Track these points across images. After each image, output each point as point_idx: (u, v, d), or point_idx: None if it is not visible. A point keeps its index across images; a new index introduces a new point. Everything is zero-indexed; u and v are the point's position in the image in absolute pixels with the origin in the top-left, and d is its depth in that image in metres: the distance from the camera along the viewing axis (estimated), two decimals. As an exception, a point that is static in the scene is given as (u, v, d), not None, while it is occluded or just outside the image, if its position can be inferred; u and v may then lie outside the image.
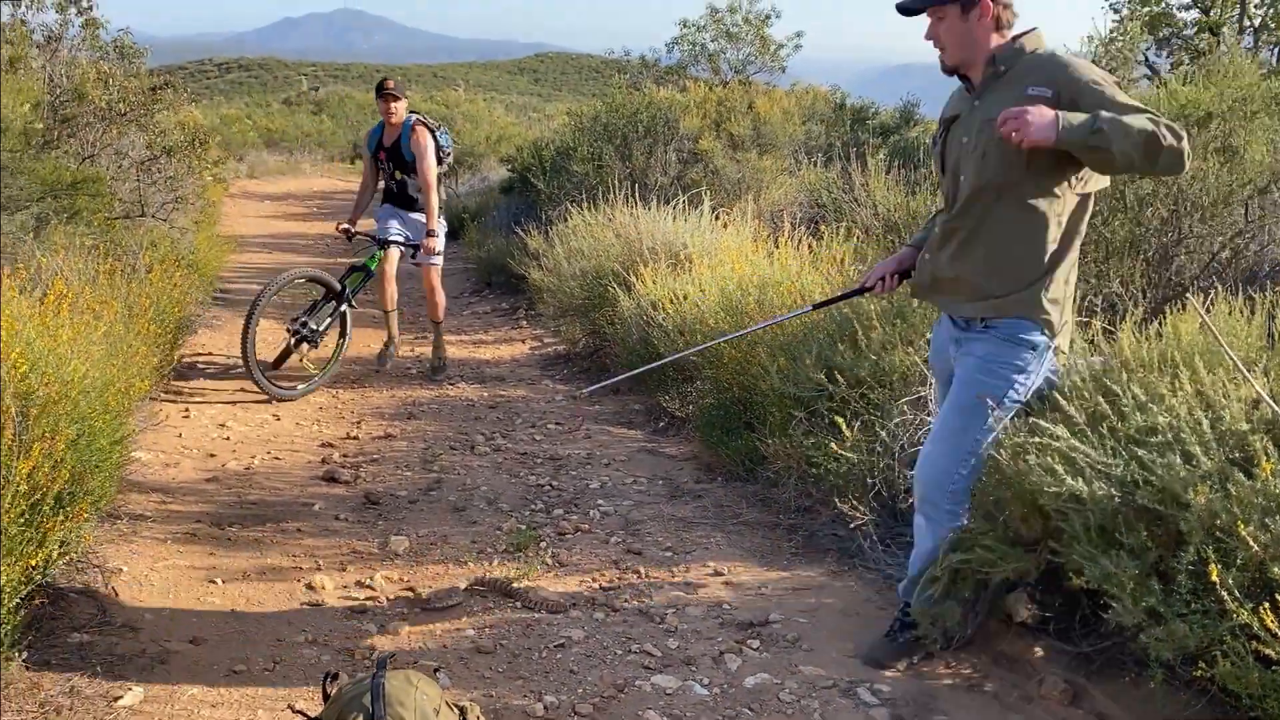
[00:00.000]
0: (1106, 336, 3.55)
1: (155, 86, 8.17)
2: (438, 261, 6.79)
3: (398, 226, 6.76)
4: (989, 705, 2.96)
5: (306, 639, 3.33)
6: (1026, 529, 2.98)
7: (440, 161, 6.72)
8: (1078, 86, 2.83)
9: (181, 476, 4.78)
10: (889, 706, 2.97)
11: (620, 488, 4.86)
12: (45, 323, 3.62)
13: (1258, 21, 9.67)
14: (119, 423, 3.76)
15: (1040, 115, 2.72)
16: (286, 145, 25.94)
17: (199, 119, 13.75)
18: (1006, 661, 3.12)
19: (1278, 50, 9.68)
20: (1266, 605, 2.28)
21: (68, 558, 3.28)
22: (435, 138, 6.68)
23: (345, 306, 6.53)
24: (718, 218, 7.63)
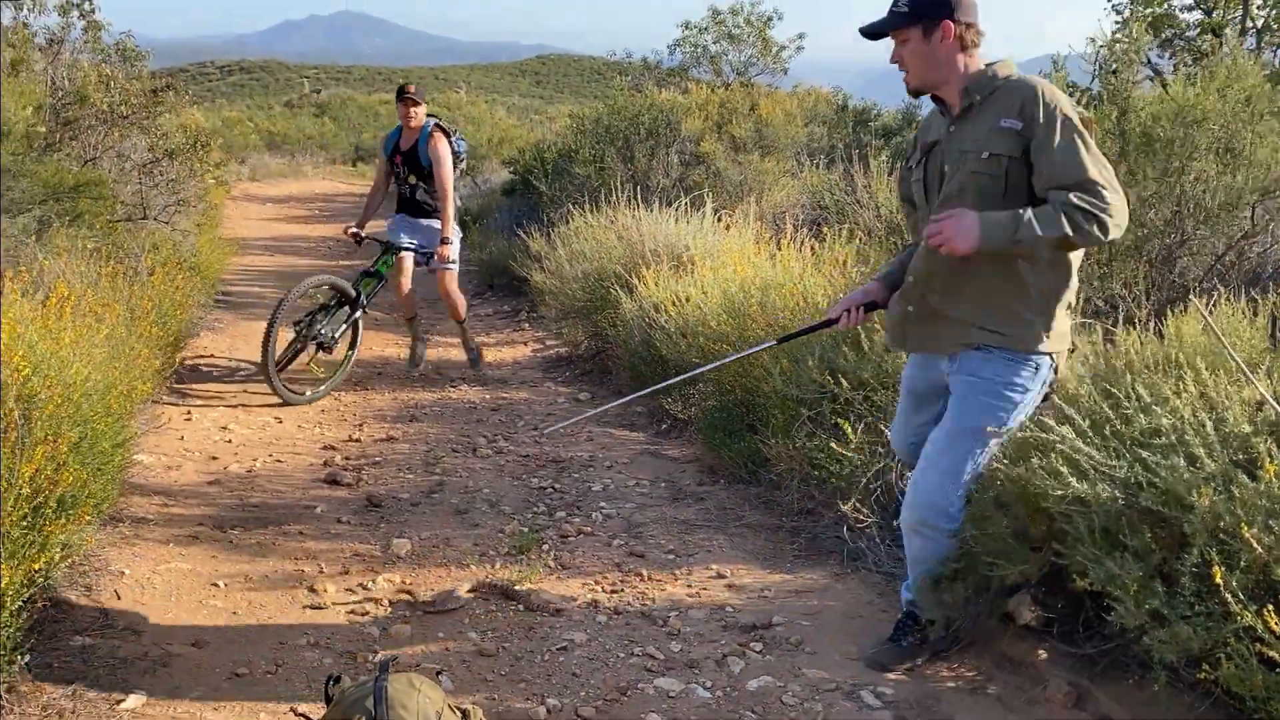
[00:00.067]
0: (1109, 338, 3.55)
1: (157, 89, 8.18)
2: (453, 267, 6.76)
3: (411, 236, 6.74)
4: (992, 708, 2.96)
5: (309, 642, 3.32)
6: (1033, 529, 2.97)
7: (455, 166, 6.72)
8: (1040, 133, 2.76)
9: (183, 479, 4.78)
10: (892, 709, 2.96)
11: (622, 490, 4.86)
12: (48, 325, 3.63)
13: (1260, 23, 9.65)
14: (121, 425, 3.77)
15: (959, 225, 2.76)
16: (288, 148, 25.95)
17: (201, 121, 13.79)
18: (1010, 664, 3.11)
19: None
20: (1270, 607, 2.28)
21: (70, 561, 3.28)
22: (451, 143, 6.69)
23: (359, 313, 6.56)
24: (720, 220, 7.62)
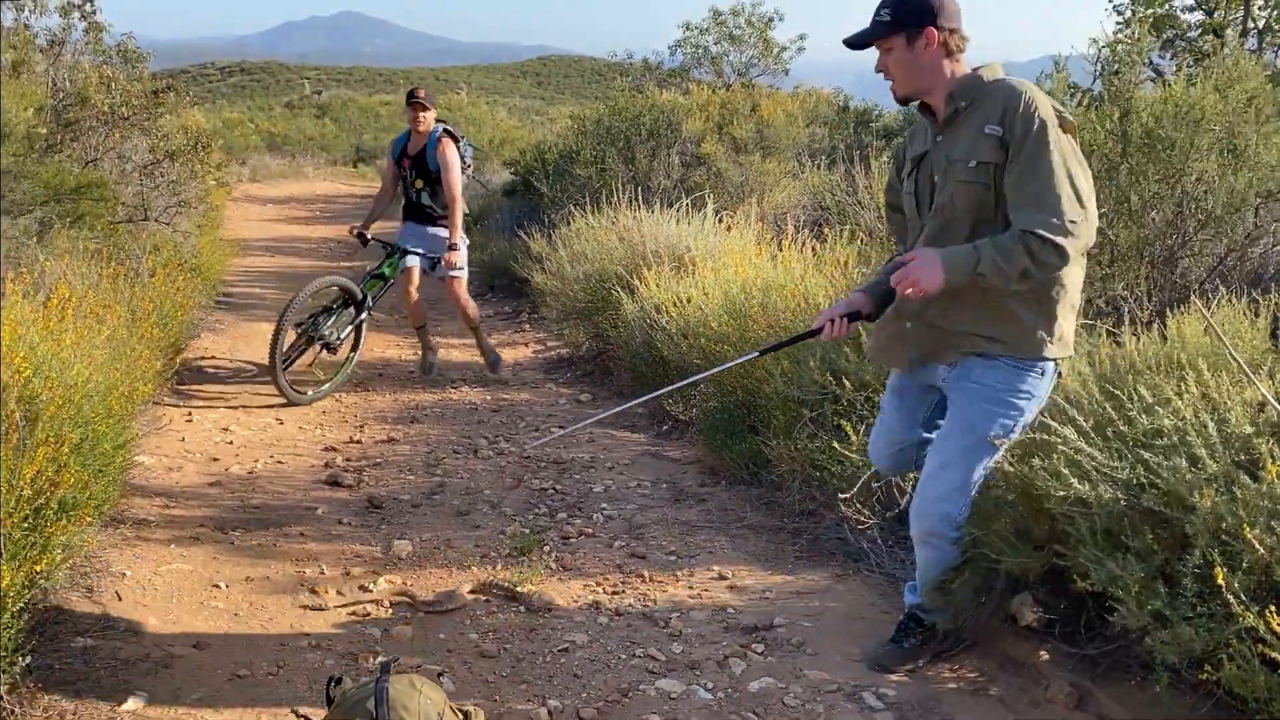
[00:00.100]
0: (1111, 339, 3.55)
1: (158, 90, 8.18)
2: (461, 274, 6.75)
3: (418, 242, 6.76)
4: (994, 709, 2.95)
5: (310, 643, 3.32)
6: (1035, 529, 2.97)
7: (462, 172, 6.74)
8: (1015, 143, 2.72)
9: (184, 481, 4.78)
10: (894, 711, 2.96)
11: (624, 491, 4.86)
12: (49, 327, 3.62)
13: (1261, 23, 9.65)
14: (122, 427, 3.77)
15: (923, 266, 2.74)
16: (289, 149, 25.97)
17: (202, 123, 13.78)
18: (1012, 665, 3.11)
19: (1281, 52, 9.66)
20: (1272, 608, 2.28)
21: (71, 562, 3.28)
22: (459, 148, 6.70)
23: (364, 315, 6.60)
24: (721, 221, 7.62)
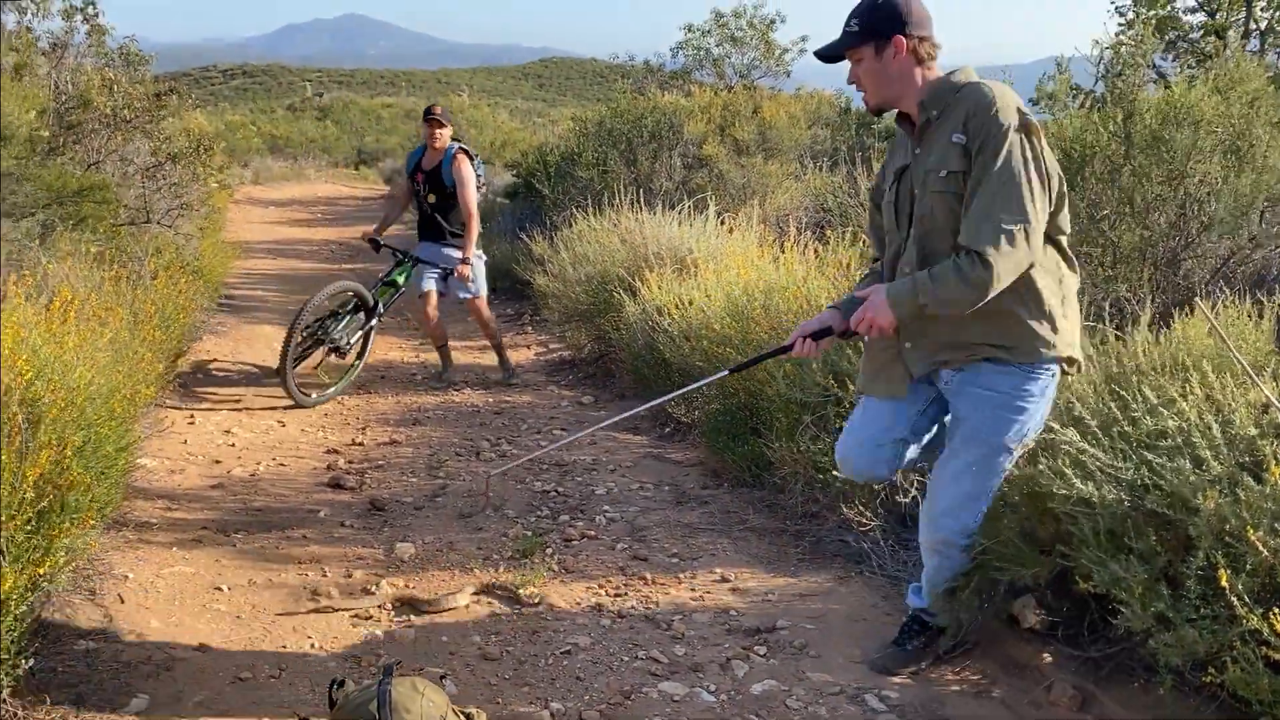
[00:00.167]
0: (1114, 341, 3.54)
1: (160, 93, 8.19)
2: (481, 291, 6.84)
3: (434, 257, 6.79)
4: (997, 711, 2.95)
5: (312, 646, 3.32)
6: (1040, 531, 2.97)
7: (477, 189, 6.78)
8: (977, 149, 2.67)
9: (187, 483, 4.78)
10: (897, 713, 2.95)
11: (626, 494, 4.85)
12: (51, 330, 3.62)
13: (1263, 25, 9.65)
14: (125, 429, 3.77)
15: (873, 307, 2.79)
16: (291, 151, 26.02)
17: (204, 125, 13.78)
18: (1015, 667, 3.11)
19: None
20: (1276, 610, 2.27)
21: (74, 565, 3.27)
22: (474, 166, 6.75)
23: (375, 321, 6.66)
24: (723, 223, 7.62)
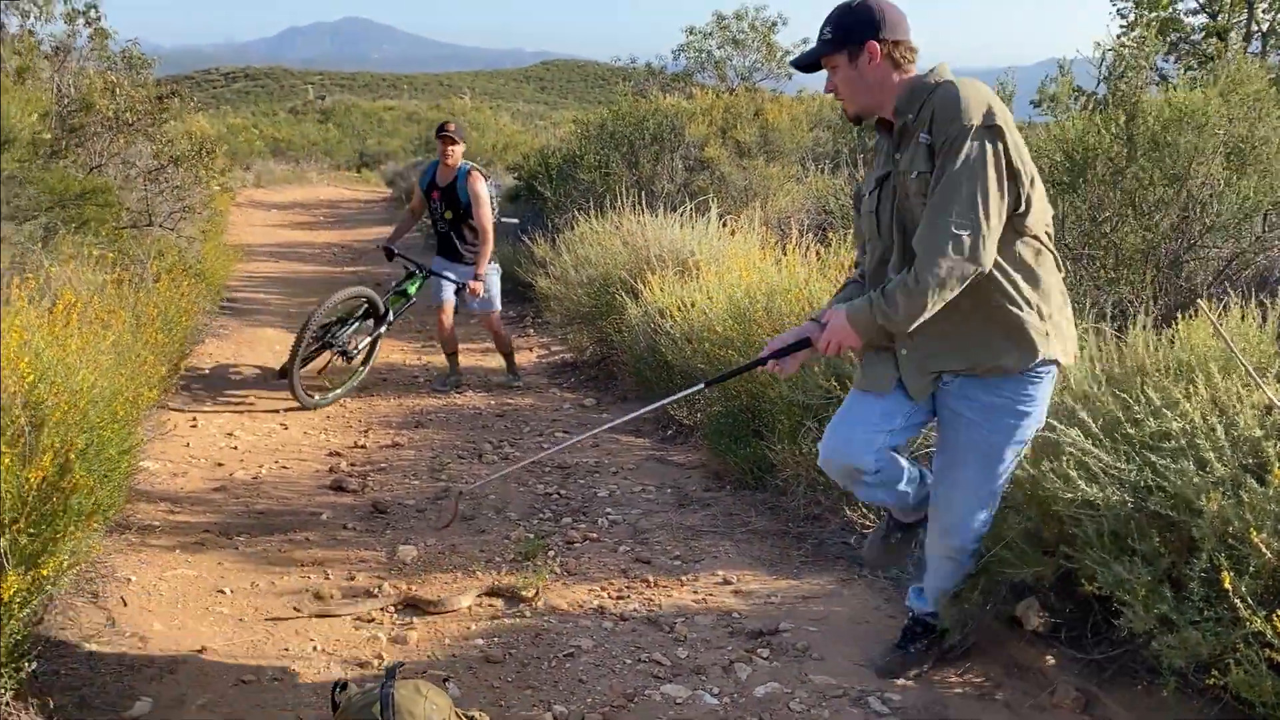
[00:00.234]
0: (1116, 342, 3.54)
1: (162, 96, 8.20)
2: (494, 305, 6.88)
3: (450, 271, 6.81)
4: (1000, 714, 2.94)
5: (315, 648, 3.32)
6: (1044, 532, 2.97)
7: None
8: (938, 150, 2.60)
9: (189, 486, 4.79)
10: (899, 716, 2.95)
11: (628, 496, 4.85)
12: (54, 332, 3.62)
13: (1265, 26, 9.65)
14: (127, 432, 3.77)
15: (836, 329, 2.77)
16: (293, 154, 26.08)
17: (206, 128, 13.80)
18: (1018, 670, 3.11)
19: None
20: (1279, 613, 2.27)
21: (77, 568, 3.28)
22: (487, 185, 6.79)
23: (383, 328, 6.72)
24: (725, 225, 7.62)
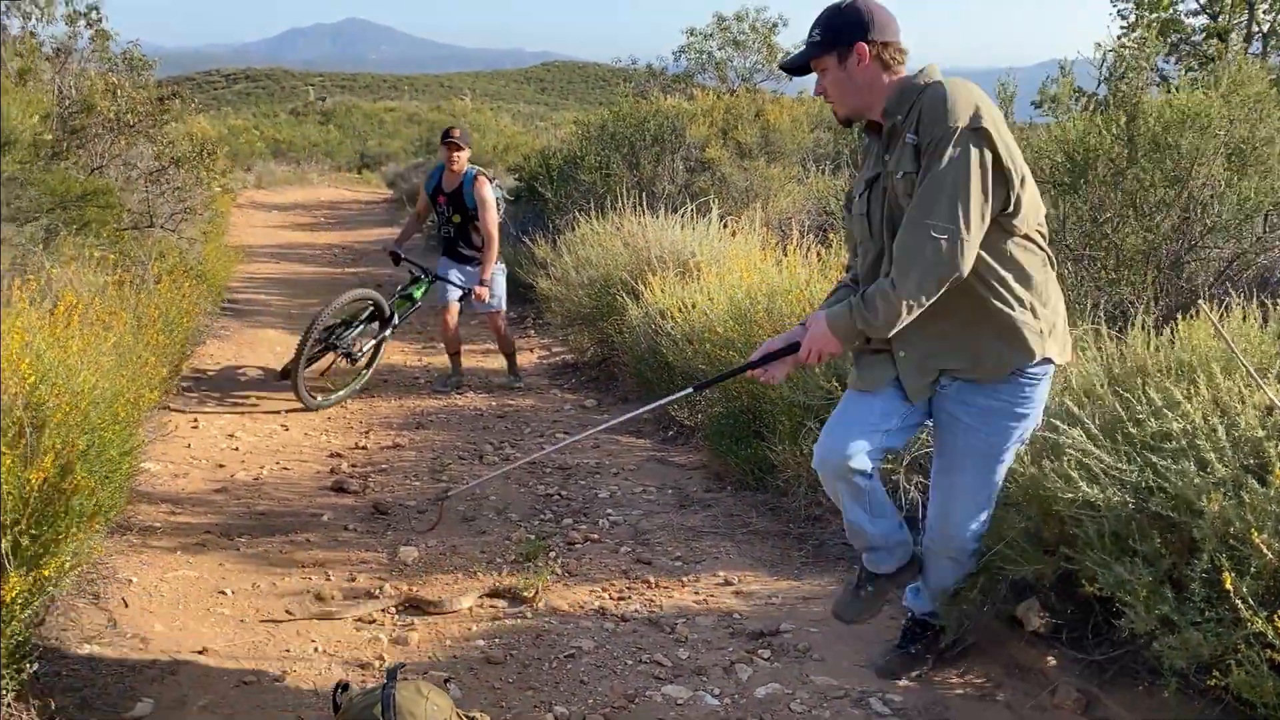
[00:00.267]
0: (1116, 343, 3.54)
1: (163, 97, 8.21)
2: (500, 306, 6.91)
3: (456, 276, 6.86)
4: (1001, 715, 2.94)
5: (316, 649, 3.32)
6: (1045, 532, 2.96)
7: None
8: (927, 154, 2.55)
9: (191, 487, 4.79)
10: (901, 716, 2.95)
11: (629, 497, 4.86)
12: (55, 334, 3.63)
13: (1265, 27, 9.66)
14: (129, 433, 3.77)
15: (815, 335, 2.75)
16: (294, 155, 26.09)
17: (207, 130, 13.82)
18: (1019, 670, 3.10)
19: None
20: (1282, 613, 2.27)
21: (78, 569, 3.28)
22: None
23: (388, 332, 6.76)
24: (726, 226, 7.63)
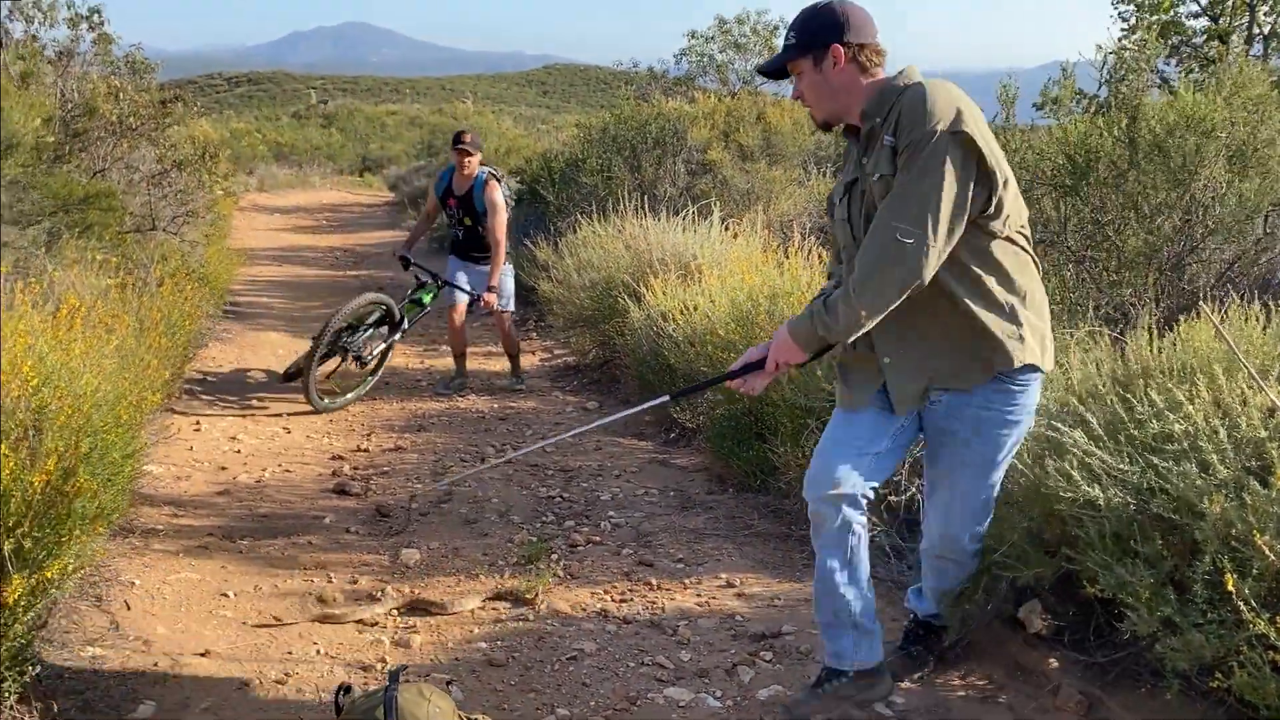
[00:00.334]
0: (1119, 344, 3.54)
1: (165, 101, 8.23)
2: (509, 307, 6.94)
3: (464, 277, 6.89)
4: (1003, 716, 2.94)
5: (318, 652, 3.32)
6: (1047, 532, 2.96)
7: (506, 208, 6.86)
8: (903, 155, 2.48)
9: (193, 489, 4.79)
10: (903, 718, 2.95)
11: (631, 499, 4.86)
12: (58, 337, 3.63)
13: (1267, 29, 9.65)
14: (131, 436, 3.77)
15: (781, 347, 2.70)
16: (296, 158, 26.14)
17: (209, 133, 13.83)
18: (1021, 672, 3.10)
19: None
20: (1284, 615, 2.27)
21: (81, 571, 3.28)
22: (502, 189, 6.82)
23: (397, 336, 6.79)
24: (727, 228, 7.63)
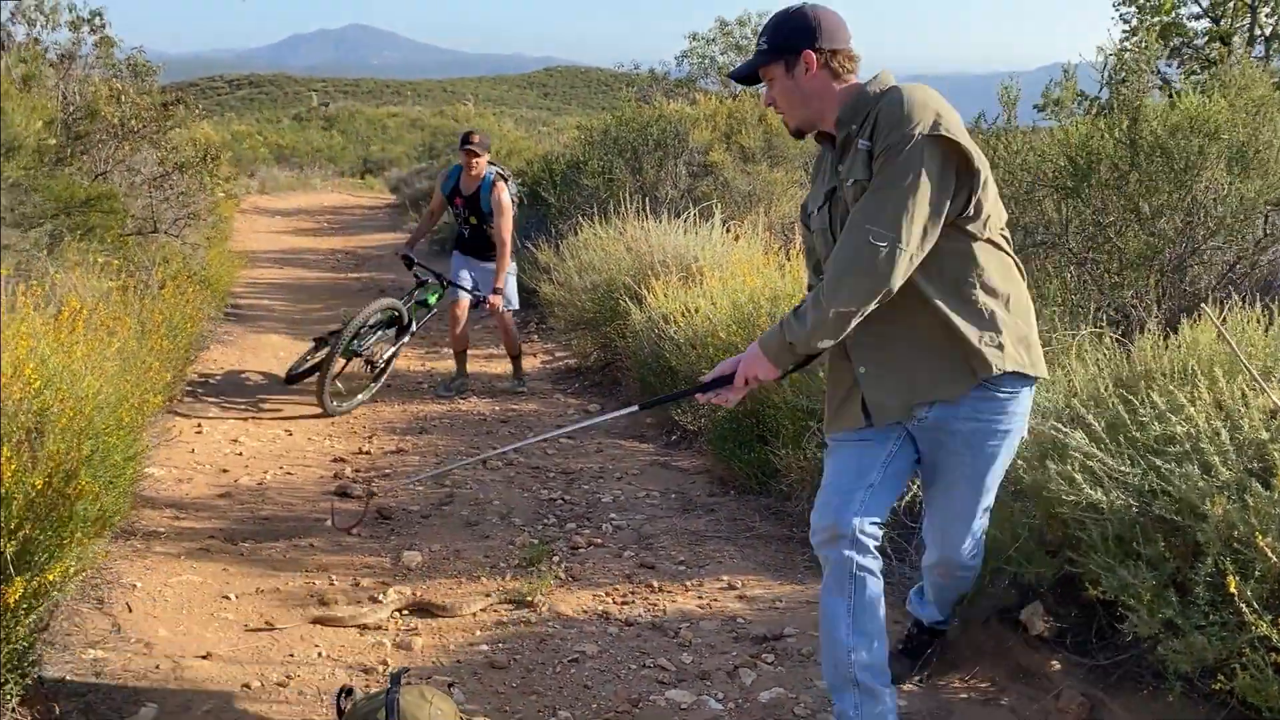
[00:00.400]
0: (1121, 346, 3.54)
1: (167, 103, 8.25)
2: (513, 306, 6.96)
3: (468, 275, 6.90)
4: (1005, 719, 2.94)
5: (319, 654, 3.32)
6: (1049, 533, 2.96)
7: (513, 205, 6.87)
8: (879, 160, 2.40)
9: (194, 492, 4.79)
10: (905, 720, 2.95)
11: (633, 501, 4.85)
12: (60, 339, 3.64)
13: (1268, 31, 9.65)
14: (133, 439, 3.78)
15: (752, 362, 2.59)
16: (297, 161, 26.17)
17: (210, 135, 13.85)
18: (1023, 674, 3.10)
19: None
20: (1286, 617, 2.27)
21: (83, 574, 3.28)
22: (509, 188, 6.82)
23: (406, 338, 6.85)
24: (729, 230, 7.63)
